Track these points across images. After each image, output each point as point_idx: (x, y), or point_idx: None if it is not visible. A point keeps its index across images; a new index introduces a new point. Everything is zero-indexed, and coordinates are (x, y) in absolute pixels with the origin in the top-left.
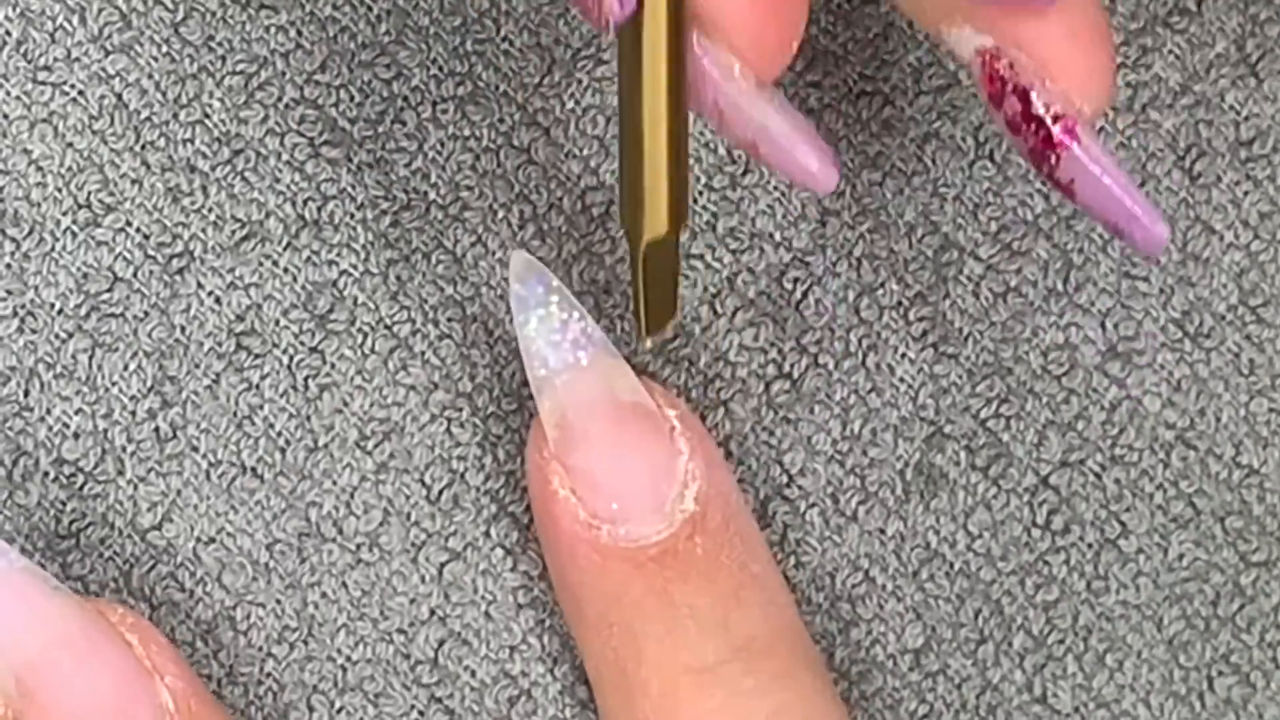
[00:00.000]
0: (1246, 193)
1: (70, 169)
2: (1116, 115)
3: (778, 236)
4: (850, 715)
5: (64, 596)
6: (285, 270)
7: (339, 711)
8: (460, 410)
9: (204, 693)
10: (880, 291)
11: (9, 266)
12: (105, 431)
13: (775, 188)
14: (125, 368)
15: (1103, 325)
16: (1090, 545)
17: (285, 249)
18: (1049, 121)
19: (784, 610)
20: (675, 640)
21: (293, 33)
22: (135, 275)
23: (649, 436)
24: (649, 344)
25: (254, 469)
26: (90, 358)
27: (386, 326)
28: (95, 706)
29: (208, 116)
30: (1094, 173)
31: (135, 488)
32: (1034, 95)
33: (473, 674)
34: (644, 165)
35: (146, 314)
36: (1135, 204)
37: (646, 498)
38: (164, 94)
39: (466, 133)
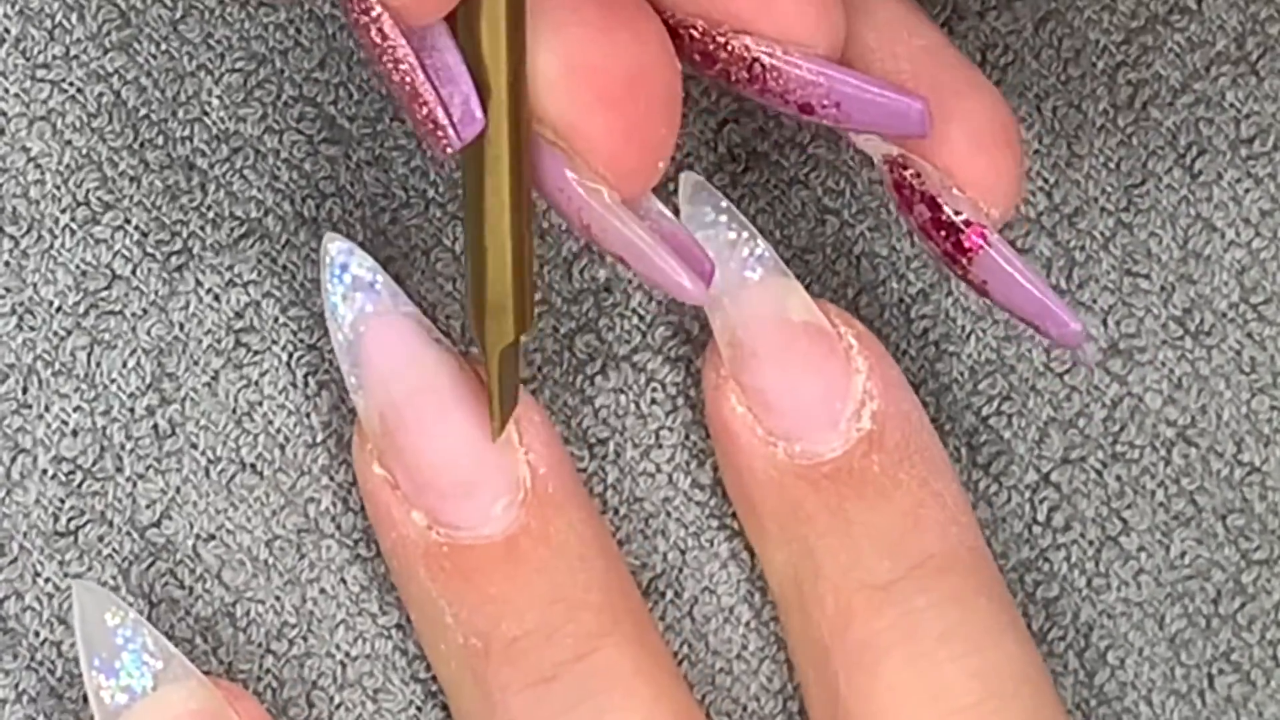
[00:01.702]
0: (1247, 190)
1: (69, 166)
2: (1117, 113)
3: (778, 235)
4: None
5: (441, 350)
6: (284, 268)
7: (338, 707)
8: None
9: (567, 477)
10: (881, 290)
11: (7, 264)
12: (104, 428)
13: (775, 186)
14: (124, 365)
15: (1104, 322)
16: (1091, 542)
17: (284, 246)
18: (959, 226)
19: (966, 531)
20: (850, 557)
21: (291, 30)
22: (134, 273)
23: (822, 355)
24: (501, 435)
25: (253, 465)
26: (89, 355)
27: None
28: (448, 460)
29: (206, 114)
30: (1007, 273)
31: (134, 485)
32: (942, 202)
33: None
34: (488, 278)
35: (145, 311)
36: (1049, 300)
37: (820, 415)
38: (162, 92)
39: None
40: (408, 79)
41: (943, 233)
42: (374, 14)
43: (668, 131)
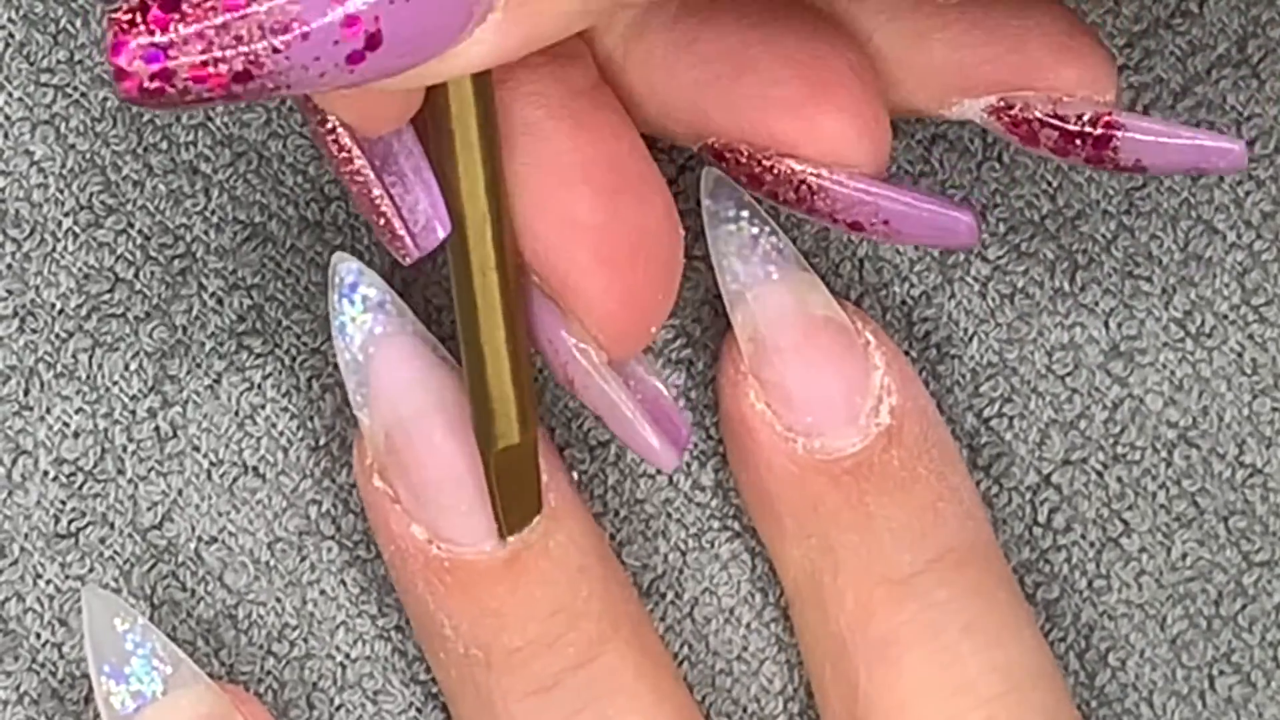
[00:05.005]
0: (1249, 193)
1: (72, 170)
2: None
3: None
4: None
5: (448, 370)
6: (288, 271)
7: (338, 709)
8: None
9: (566, 487)
10: (884, 293)
11: (10, 267)
12: (106, 430)
13: None
14: (126, 367)
15: (1106, 325)
16: (1092, 544)
17: (288, 251)
18: (1087, 125)
19: (981, 525)
20: (871, 552)
21: None
22: (137, 276)
23: (842, 350)
24: (511, 540)
25: (255, 468)
26: (91, 357)
27: None
28: (452, 479)
29: (210, 119)
30: (1153, 142)
31: (136, 487)
32: (1061, 115)
33: None
34: (488, 380)
35: (148, 314)
36: (1202, 141)
37: (840, 411)
38: None
39: None
40: (364, 191)
41: (1078, 141)
42: (329, 125)
43: (664, 298)
